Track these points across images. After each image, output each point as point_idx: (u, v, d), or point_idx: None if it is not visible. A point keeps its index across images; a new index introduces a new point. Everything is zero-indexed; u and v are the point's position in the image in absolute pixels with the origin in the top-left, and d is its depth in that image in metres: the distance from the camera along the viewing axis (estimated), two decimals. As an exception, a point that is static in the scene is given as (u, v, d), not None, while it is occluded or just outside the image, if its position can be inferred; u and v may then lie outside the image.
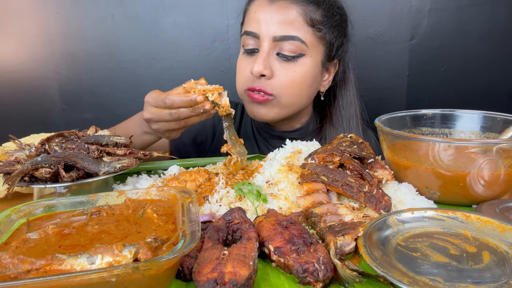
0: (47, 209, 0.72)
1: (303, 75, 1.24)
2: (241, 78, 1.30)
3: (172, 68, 2.08)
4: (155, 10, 2.00)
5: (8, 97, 2.09)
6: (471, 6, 2.02)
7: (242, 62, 1.30)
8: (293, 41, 1.20)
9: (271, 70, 1.22)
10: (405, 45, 2.08)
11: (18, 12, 1.99)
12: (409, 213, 0.77)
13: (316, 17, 1.22)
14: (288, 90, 1.24)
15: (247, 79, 1.26)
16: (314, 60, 1.26)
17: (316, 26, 1.22)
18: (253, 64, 1.22)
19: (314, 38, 1.23)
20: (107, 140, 0.97)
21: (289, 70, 1.22)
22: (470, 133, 1.10)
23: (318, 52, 1.26)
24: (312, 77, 1.27)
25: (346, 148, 0.94)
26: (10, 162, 0.90)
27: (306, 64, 1.24)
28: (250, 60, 1.25)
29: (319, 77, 1.32)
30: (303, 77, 1.24)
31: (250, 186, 0.87)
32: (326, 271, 0.61)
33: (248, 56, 1.28)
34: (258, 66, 1.20)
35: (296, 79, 1.24)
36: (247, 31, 1.25)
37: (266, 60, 1.21)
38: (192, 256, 0.64)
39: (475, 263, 0.64)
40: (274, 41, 1.20)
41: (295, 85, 1.24)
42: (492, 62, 2.10)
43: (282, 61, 1.22)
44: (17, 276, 0.53)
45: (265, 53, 1.21)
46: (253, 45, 1.25)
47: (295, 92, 1.26)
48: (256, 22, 1.23)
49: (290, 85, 1.24)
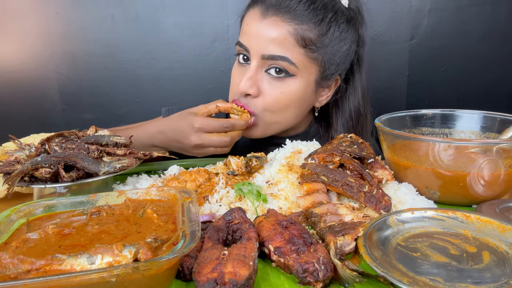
0: (47, 209, 0.72)
1: (291, 96, 1.17)
2: (231, 90, 1.26)
3: (172, 68, 2.08)
4: (155, 10, 2.00)
5: (8, 97, 2.09)
6: (471, 6, 2.02)
7: (234, 72, 1.25)
8: (281, 62, 1.13)
9: (257, 89, 1.16)
10: (405, 45, 2.07)
11: (18, 12, 1.99)
12: (409, 213, 0.77)
13: (310, 37, 1.12)
14: (272, 109, 1.19)
15: (235, 93, 1.21)
16: (305, 81, 1.18)
17: (308, 47, 1.13)
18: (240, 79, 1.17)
19: (306, 59, 1.15)
20: (107, 140, 0.97)
21: (276, 90, 1.16)
22: (470, 133, 1.10)
23: (310, 73, 1.18)
24: (300, 97, 1.20)
25: (346, 148, 0.94)
26: (10, 162, 0.90)
27: (295, 85, 1.17)
28: (241, 71, 1.21)
29: (311, 96, 1.24)
30: (290, 98, 1.18)
31: (250, 186, 0.86)
32: (326, 271, 0.61)
33: (240, 66, 1.23)
34: (243, 85, 1.15)
35: (281, 99, 1.17)
36: (240, 43, 1.20)
37: (253, 78, 1.15)
38: (192, 256, 0.64)
39: (475, 263, 0.64)
40: (262, 59, 1.14)
41: (279, 106, 1.18)
42: (492, 62, 2.10)
43: (271, 79, 1.16)
44: (17, 276, 0.53)
45: (252, 71, 1.15)
46: (245, 56, 1.20)
47: (279, 112, 1.20)
48: (247, 35, 1.17)
49: (275, 106, 1.18)
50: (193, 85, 2.10)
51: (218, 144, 1.05)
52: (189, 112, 1.09)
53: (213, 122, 1.05)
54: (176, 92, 2.10)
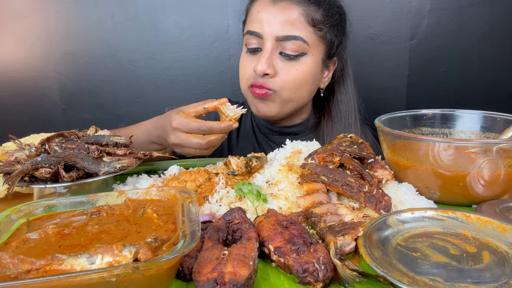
0: (47, 209, 0.72)
1: (305, 73, 1.28)
2: (244, 76, 1.32)
3: (172, 68, 2.08)
4: (155, 10, 2.00)
5: (8, 97, 2.09)
6: (471, 6, 2.02)
7: (245, 61, 1.33)
8: (295, 41, 1.23)
9: (274, 69, 1.25)
10: (405, 45, 2.07)
11: (18, 12, 1.99)
12: (409, 213, 0.77)
13: (317, 17, 1.26)
14: (290, 87, 1.27)
15: (250, 77, 1.29)
16: (315, 59, 1.29)
17: (317, 26, 1.26)
18: (256, 62, 1.25)
19: (315, 37, 1.27)
20: (107, 140, 0.97)
21: (291, 68, 1.26)
22: (470, 133, 1.10)
23: (319, 50, 1.30)
24: (313, 75, 1.30)
25: (346, 148, 0.94)
26: (10, 162, 0.90)
27: (308, 62, 1.27)
28: (253, 59, 1.29)
29: (320, 74, 1.35)
30: (305, 74, 1.28)
31: (250, 186, 0.87)
32: (326, 271, 0.61)
33: (251, 54, 1.31)
34: (261, 65, 1.23)
35: (298, 76, 1.27)
36: (250, 31, 1.28)
37: (269, 59, 1.24)
38: (192, 256, 0.64)
39: (475, 263, 0.64)
40: (277, 41, 1.24)
41: (296, 82, 1.27)
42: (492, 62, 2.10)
43: (285, 60, 1.26)
44: (17, 276, 0.53)
45: (268, 53, 1.24)
46: (256, 44, 1.28)
47: (296, 89, 1.29)
48: (259, 22, 1.25)
49: (292, 82, 1.27)
50: (193, 85, 2.10)
51: (195, 145, 1.02)
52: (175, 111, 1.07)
53: (189, 123, 1.02)
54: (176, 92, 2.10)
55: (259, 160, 1.01)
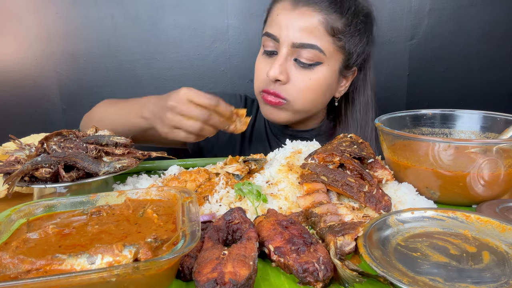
0: (47, 209, 0.72)
1: (319, 83, 1.24)
2: (258, 79, 1.31)
3: (172, 68, 2.08)
4: (155, 10, 2.00)
5: (8, 97, 2.09)
6: (471, 6, 2.02)
7: (260, 63, 1.31)
8: (311, 49, 1.20)
9: (287, 75, 1.22)
10: (405, 45, 2.07)
11: (18, 12, 1.99)
12: (409, 213, 0.77)
13: (338, 26, 1.21)
14: (302, 96, 1.25)
15: (263, 81, 1.27)
16: (331, 69, 1.25)
17: (336, 36, 1.21)
18: (270, 66, 1.23)
19: (333, 47, 1.23)
20: (107, 140, 0.97)
21: (305, 76, 1.23)
22: (470, 133, 1.10)
23: (336, 60, 1.26)
24: (327, 85, 1.27)
25: (346, 148, 0.94)
26: (10, 162, 0.90)
27: (323, 72, 1.24)
28: (268, 62, 1.26)
29: (335, 84, 1.31)
30: (318, 84, 1.24)
31: (250, 186, 0.86)
32: (326, 271, 0.61)
33: (267, 57, 1.28)
34: (274, 71, 1.21)
35: (311, 86, 1.24)
36: (268, 33, 1.25)
37: (282, 65, 1.21)
38: (192, 256, 0.64)
39: (475, 263, 0.64)
40: (293, 47, 1.21)
41: (309, 91, 1.25)
42: (492, 62, 2.10)
43: (299, 67, 1.23)
44: (17, 276, 0.53)
45: (282, 58, 1.22)
46: (272, 47, 1.26)
47: (308, 99, 1.26)
48: (277, 25, 1.23)
49: (305, 92, 1.24)
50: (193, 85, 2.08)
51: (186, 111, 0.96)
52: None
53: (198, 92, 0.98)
54: (176, 92, 2.09)
55: (258, 163, 1.01)
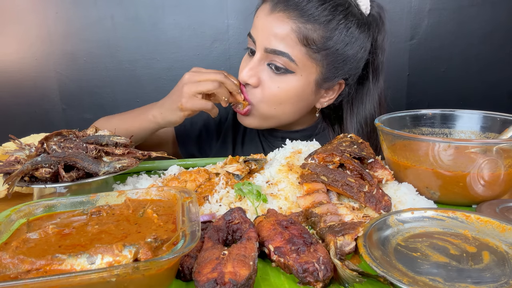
0: (47, 209, 0.72)
1: (286, 93, 1.19)
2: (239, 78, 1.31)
3: (172, 68, 2.08)
4: (155, 10, 2.00)
5: (8, 97, 2.09)
6: (471, 6, 2.02)
7: (242, 62, 1.31)
8: (282, 57, 1.15)
9: (257, 79, 1.20)
10: (405, 45, 2.08)
11: (18, 12, 1.99)
12: (409, 213, 0.77)
13: (313, 37, 1.13)
14: (266, 103, 1.22)
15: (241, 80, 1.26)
16: (304, 80, 1.19)
17: (310, 46, 1.14)
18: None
19: (306, 58, 1.16)
20: (107, 140, 0.97)
21: (274, 83, 1.19)
22: (470, 133, 1.10)
23: (311, 72, 1.18)
24: (298, 96, 1.21)
25: (346, 148, 0.94)
26: (10, 162, 0.90)
27: (293, 82, 1.18)
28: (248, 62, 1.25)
29: (311, 96, 1.24)
30: (286, 94, 1.19)
31: (250, 186, 0.86)
32: (326, 271, 0.61)
33: (248, 58, 1.28)
34: (244, 74, 1.20)
35: (278, 94, 1.19)
36: (250, 34, 1.25)
37: (253, 69, 1.20)
38: (192, 256, 0.64)
39: (475, 263, 0.64)
40: (265, 52, 1.17)
41: (275, 100, 1.20)
42: (492, 62, 2.10)
43: (271, 73, 1.19)
44: (17, 276, 0.53)
45: (254, 62, 1.20)
46: (253, 47, 1.25)
47: (275, 107, 1.22)
48: (255, 28, 1.22)
49: (270, 100, 1.21)
50: (193, 85, 2.10)
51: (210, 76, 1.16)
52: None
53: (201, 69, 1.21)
54: (176, 92, 2.09)
55: (258, 163, 1.01)
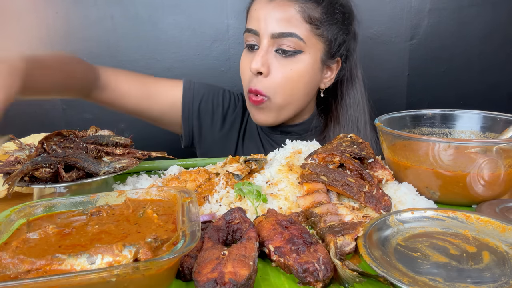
0: (47, 209, 0.72)
1: (300, 72, 1.25)
2: (243, 77, 1.33)
3: (172, 68, 2.07)
4: (155, 10, 2.00)
5: (8, 97, 2.08)
6: (471, 6, 2.02)
7: (243, 59, 1.33)
8: (291, 38, 1.21)
9: (268, 67, 1.24)
10: (405, 45, 2.07)
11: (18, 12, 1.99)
12: (409, 213, 0.77)
13: (315, 15, 1.23)
14: (283, 88, 1.26)
15: (248, 78, 1.29)
16: (312, 57, 1.26)
17: (314, 23, 1.23)
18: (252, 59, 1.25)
19: (312, 35, 1.24)
20: (107, 140, 0.97)
21: (285, 67, 1.24)
22: (470, 133, 1.10)
23: (317, 49, 1.27)
24: (309, 74, 1.28)
25: (346, 148, 0.94)
26: (10, 162, 0.90)
27: (304, 61, 1.25)
28: (250, 56, 1.28)
29: (319, 74, 1.32)
30: (299, 74, 1.26)
31: (250, 186, 0.86)
32: (326, 271, 0.61)
33: (249, 52, 1.31)
34: (256, 63, 1.23)
35: (292, 76, 1.25)
36: (249, 29, 1.28)
37: (264, 57, 1.23)
38: (192, 256, 0.64)
39: (475, 263, 0.64)
40: (272, 38, 1.23)
41: (290, 82, 1.26)
42: (493, 62, 2.10)
43: (281, 58, 1.24)
44: (17, 276, 0.53)
45: (263, 50, 1.24)
46: (253, 41, 1.28)
47: (290, 90, 1.27)
48: (256, 19, 1.25)
49: (285, 83, 1.25)
50: (193, 85, 2.09)
51: None
52: None
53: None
54: (176, 92, 2.09)
55: (258, 163, 1.01)
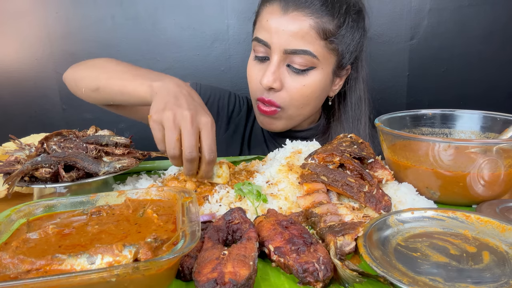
0: (47, 209, 0.72)
1: (312, 88, 1.23)
2: (252, 86, 1.30)
3: (172, 68, 2.07)
4: (155, 10, 2.00)
5: (8, 97, 2.09)
6: (471, 6, 2.02)
7: (252, 69, 1.29)
8: (304, 55, 1.17)
9: (280, 82, 1.21)
10: (405, 45, 2.07)
11: (18, 12, 1.99)
12: (409, 213, 0.77)
13: (330, 28, 1.18)
14: (296, 102, 1.24)
15: (258, 88, 1.26)
16: (324, 72, 1.23)
17: (329, 39, 1.19)
18: (263, 73, 1.21)
19: (326, 50, 1.20)
20: (107, 140, 0.97)
21: (298, 83, 1.21)
22: (470, 133, 1.10)
23: (329, 63, 1.23)
24: (321, 89, 1.26)
25: (346, 148, 0.94)
26: (10, 162, 0.90)
27: (316, 76, 1.22)
28: (261, 68, 1.25)
29: (329, 86, 1.30)
30: (312, 89, 1.23)
31: (250, 186, 0.86)
32: (326, 271, 0.61)
33: (258, 62, 1.26)
34: (267, 79, 1.19)
35: (305, 92, 1.22)
36: (258, 38, 1.22)
37: (275, 73, 1.20)
38: (192, 256, 0.64)
39: (475, 263, 0.64)
40: (285, 53, 1.18)
41: (303, 97, 1.24)
42: (492, 62, 2.10)
43: (292, 73, 1.21)
44: (17, 276, 0.53)
45: (274, 66, 1.19)
46: (263, 53, 1.23)
47: (302, 104, 1.26)
48: (267, 31, 1.19)
49: (298, 98, 1.23)
50: (193, 85, 2.10)
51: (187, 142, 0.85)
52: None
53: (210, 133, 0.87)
54: (176, 92, 2.09)
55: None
